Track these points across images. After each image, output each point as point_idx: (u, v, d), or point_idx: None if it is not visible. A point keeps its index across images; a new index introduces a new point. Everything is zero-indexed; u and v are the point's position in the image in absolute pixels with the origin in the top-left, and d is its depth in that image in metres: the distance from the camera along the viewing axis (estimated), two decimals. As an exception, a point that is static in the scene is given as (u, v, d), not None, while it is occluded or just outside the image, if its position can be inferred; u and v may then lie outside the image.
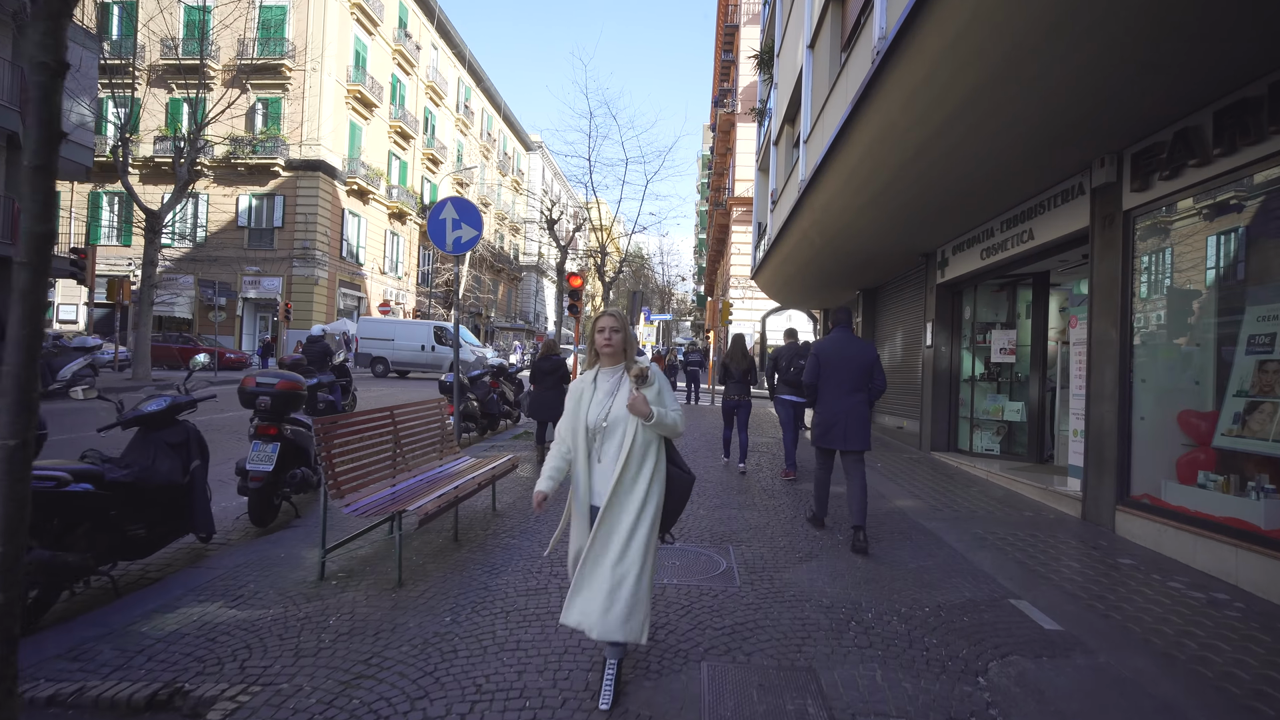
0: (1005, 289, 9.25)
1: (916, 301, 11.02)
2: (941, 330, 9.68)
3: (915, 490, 7.20)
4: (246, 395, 5.31)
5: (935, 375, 9.66)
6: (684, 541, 5.04)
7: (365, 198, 31.33)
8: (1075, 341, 6.49)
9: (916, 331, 11.23)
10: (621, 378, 2.78)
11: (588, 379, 2.84)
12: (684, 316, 60.92)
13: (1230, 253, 4.92)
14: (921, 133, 5.97)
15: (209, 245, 28.52)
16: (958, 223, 8.47)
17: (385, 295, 33.64)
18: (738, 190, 28.28)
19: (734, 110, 27.99)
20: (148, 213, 17.18)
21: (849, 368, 5.22)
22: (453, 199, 6.97)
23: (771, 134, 14.82)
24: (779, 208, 13.51)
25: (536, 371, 8.25)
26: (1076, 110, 4.99)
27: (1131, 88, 4.56)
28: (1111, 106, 4.86)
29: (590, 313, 43.63)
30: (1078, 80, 4.54)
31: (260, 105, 28.52)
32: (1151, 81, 4.47)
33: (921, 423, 10.06)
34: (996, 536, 5.37)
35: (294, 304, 28.02)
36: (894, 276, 12.25)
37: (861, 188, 7.99)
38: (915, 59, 5.03)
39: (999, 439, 9.06)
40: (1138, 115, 5.00)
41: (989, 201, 7.48)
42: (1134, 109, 4.90)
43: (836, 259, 11.65)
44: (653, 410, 2.64)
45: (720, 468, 8.27)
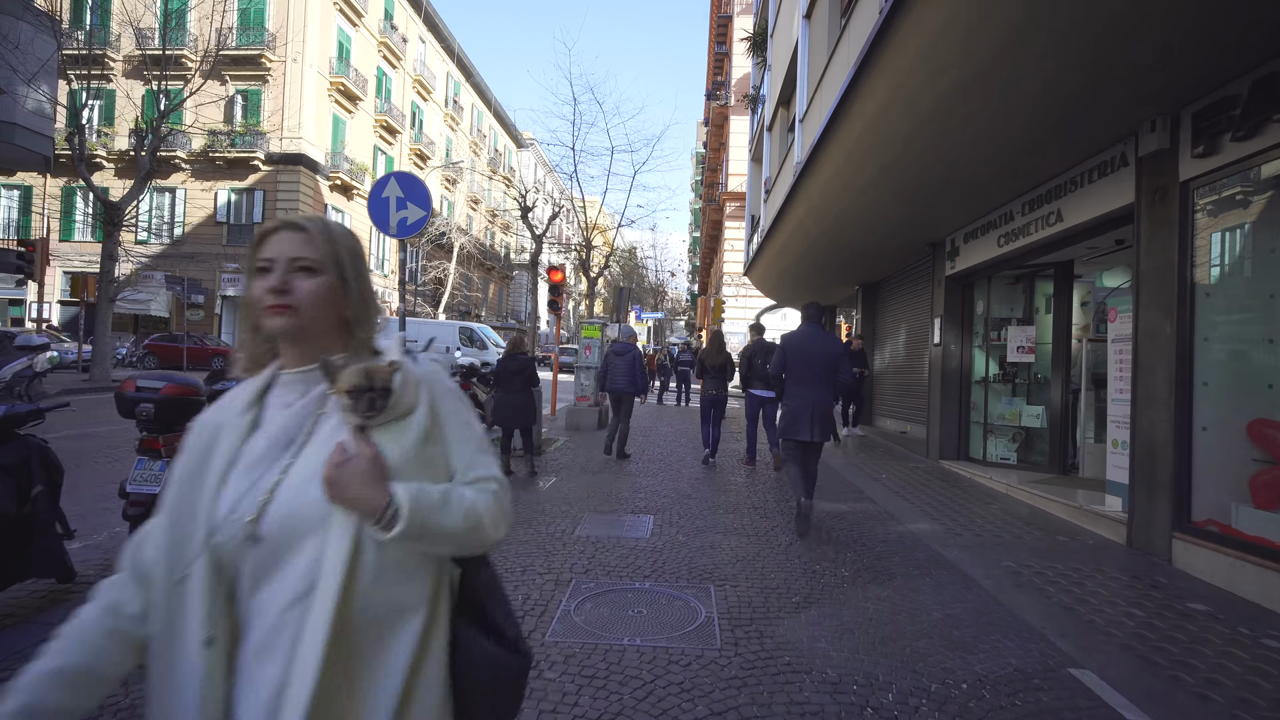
0: (1022, 281, 8.34)
1: (922, 296, 10.11)
2: (951, 327, 8.77)
3: (929, 508, 6.28)
4: (125, 402, 4.34)
5: (944, 376, 8.75)
6: (657, 580, 4.11)
7: (349, 193, 30.32)
8: (1115, 337, 5.58)
9: (922, 329, 10.32)
10: (320, 400, 1.08)
11: (236, 402, 1.10)
12: (678, 316, 60.07)
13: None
14: (935, 96, 5.06)
15: (187, 241, 27.47)
16: (971, 205, 7.55)
17: (371, 293, 32.60)
18: (731, 185, 27.40)
19: (727, 103, 27.08)
20: (106, 204, 16.20)
21: (816, 362, 5.26)
22: (397, 174, 6.03)
23: (765, 120, 13.91)
24: (773, 197, 12.59)
25: (502, 372, 7.31)
26: (1132, 55, 4.07)
27: (1203, 27, 3.65)
28: (1177, 51, 3.95)
29: (582, 312, 42.30)
30: (1140, 15, 3.63)
31: (240, 97, 27.50)
32: (1227, 20, 3.56)
33: (929, 428, 9.15)
34: (1032, 571, 4.45)
35: (274, 302, 26.99)
36: (897, 270, 11.35)
37: (863, 165, 7.08)
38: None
39: (1015, 446, 8.16)
40: (1205, 62, 4.08)
41: (1010, 179, 6.57)
42: (1202, 54, 3.98)
43: (834, 250, 10.74)
44: (395, 496, 0.96)
45: (702, 472, 7.37)
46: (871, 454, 9.69)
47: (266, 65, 27.00)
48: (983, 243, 7.82)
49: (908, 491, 7.02)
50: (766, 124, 13.57)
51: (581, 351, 11.77)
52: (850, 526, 5.53)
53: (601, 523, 5.43)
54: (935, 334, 9.03)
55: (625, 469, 7.88)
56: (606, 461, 8.32)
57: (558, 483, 7.00)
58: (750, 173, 16.75)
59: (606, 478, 7.32)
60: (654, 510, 5.91)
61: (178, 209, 27.57)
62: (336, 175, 28.94)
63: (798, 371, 5.29)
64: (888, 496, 6.73)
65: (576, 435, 10.69)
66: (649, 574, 4.23)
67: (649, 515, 5.71)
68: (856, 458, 9.30)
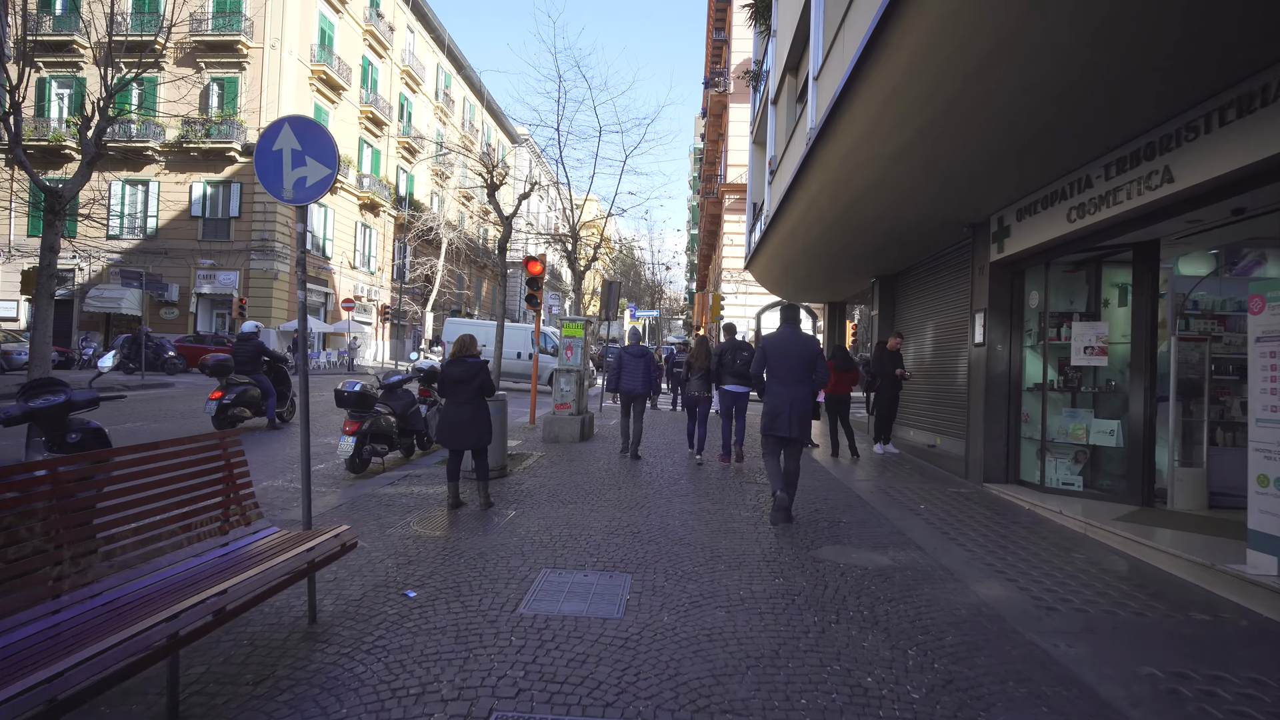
0: (1084, 268, 6.82)
1: (957, 287, 8.58)
2: (998, 323, 7.25)
3: (995, 558, 4.75)
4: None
5: (989, 382, 7.23)
6: (625, 708, 2.58)
7: (332, 186, 28.71)
8: (1263, 335, 4.04)
9: (955, 326, 8.79)
10: None
11: None
12: (676, 315, 58.62)
13: None
14: (1008, 19, 3.54)
15: (160, 237, 25.92)
16: (1034, 171, 6.02)
17: (356, 291, 31.10)
18: (730, 176, 25.87)
19: (726, 90, 25.55)
20: (45, 191, 14.62)
21: (794, 361, 5.42)
22: (291, 119, 4.51)
23: (769, 93, 12.37)
24: (778, 178, 11.06)
25: (446, 380, 5.77)
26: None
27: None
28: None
29: (566, 310, 40.45)
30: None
31: (215, 85, 25.96)
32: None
33: (969, 444, 7.62)
34: (1194, 687, 2.91)
35: (251, 299, 25.49)
36: (925, 257, 9.81)
37: (898, 126, 5.55)
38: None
39: (1079, 468, 6.63)
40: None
41: (1099, 129, 5.03)
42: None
43: (851, 234, 9.20)
44: None
45: (695, 501, 5.87)
46: (899, 473, 8.16)
47: (243, 52, 25.48)
48: (1044, 219, 6.28)
49: (958, 530, 5.48)
50: (771, 97, 12.02)
51: (561, 353, 10.23)
52: (900, 594, 4.00)
53: (560, 588, 3.90)
54: (976, 331, 7.50)
55: (605, 497, 6.36)
56: (583, 483, 6.80)
57: (517, 517, 5.47)
58: (751, 158, 15.23)
59: (580, 509, 5.79)
60: (634, 563, 4.38)
61: (150, 203, 26.00)
62: (318, 167, 27.32)
63: (777, 370, 5.47)
64: (936, 540, 5.19)
65: (554, 450, 9.15)
66: (614, 696, 2.71)
67: (625, 574, 4.18)
68: (883, 479, 7.77)
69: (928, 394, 9.36)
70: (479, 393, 5.73)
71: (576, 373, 9.97)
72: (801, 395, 5.36)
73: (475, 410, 5.70)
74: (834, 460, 8.91)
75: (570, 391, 9.90)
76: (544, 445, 9.47)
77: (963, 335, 8.51)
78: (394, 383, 8.17)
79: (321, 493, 6.40)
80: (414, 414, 8.27)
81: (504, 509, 5.78)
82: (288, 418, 10.40)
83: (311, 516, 4.09)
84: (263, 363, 9.83)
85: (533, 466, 7.83)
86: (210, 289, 25.82)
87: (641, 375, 8.55)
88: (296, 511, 5.36)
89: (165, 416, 10.92)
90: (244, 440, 3.62)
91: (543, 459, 8.37)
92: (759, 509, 6.03)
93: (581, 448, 9.36)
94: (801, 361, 5.41)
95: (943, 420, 9.09)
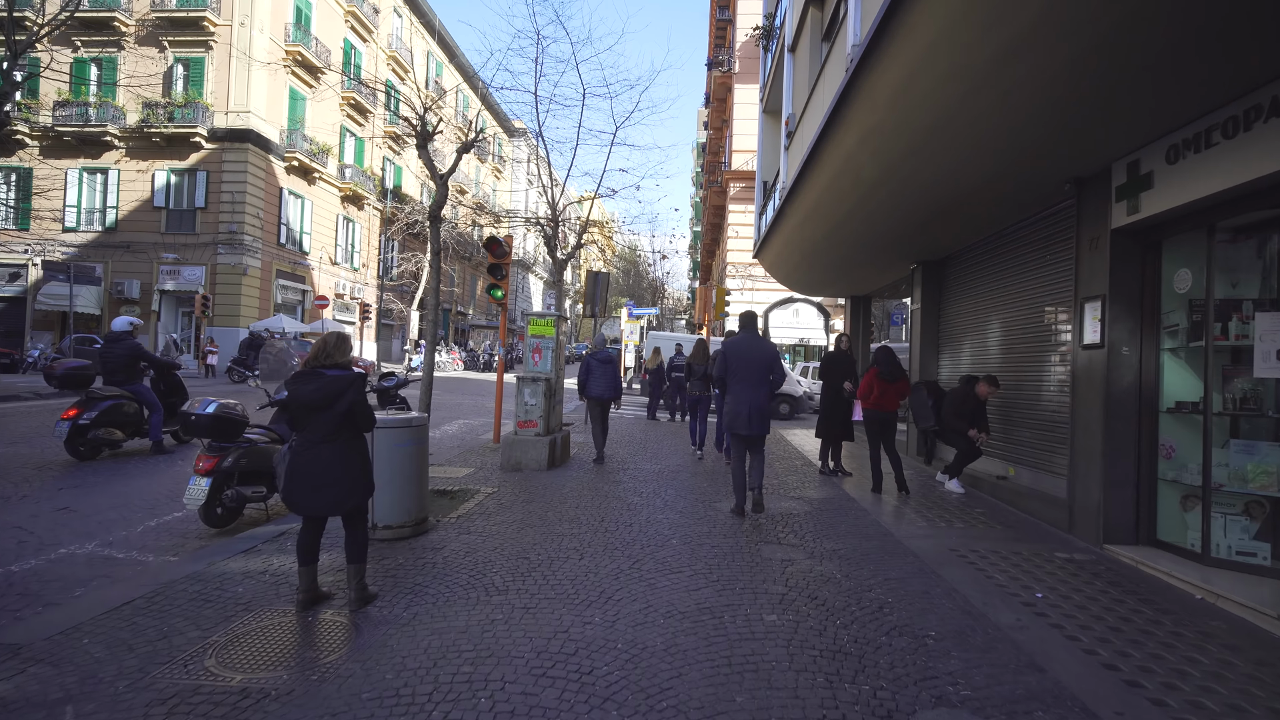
0: (1254, 237, 4.63)
1: (1048, 267, 6.38)
2: (1123, 316, 5.07)
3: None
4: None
5: (1110, 400, 5.05)
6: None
7: (310, 176, 26.66)
8: None
9: (1039, 321, 6.61)
10: None
11: None
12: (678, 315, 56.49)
13: None
14: None
15: (120, 229, 23.83)
16: (1223, 75, 3.82)
17: (338, 289, 29.00)
18: (736, 163, 23.69)
19: (731, 70, 23.36)
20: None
21: (753, 365, 5.67)
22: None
23: (785, 40, 10.16)
24: (797, 141, 8.87)
25: (292, 404, 3.59)
26: None
27: None
28: None
29: (551, 308, 37.09)
30: None
31: (180, 66, 23.86)
32: None
33: (1075, 485, 5.43)
34: None
35: (218, 296, 23.42)
36: (992, 233, 7.57)
37: (1002, 18, 3.39)
38: None
39: (1256, 528, 4.45)
40: None
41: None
42: None
43: (896, 204, 7.00)
44: None
45: (689, 545, 3.74)
46: (971, 522, 5.97)
47: (210, 30, 23.36)
48: (1224, 156, 4.09)
49: (1120, 649, 3.29)
50: (788, 44, 9.81)
51: (528, 356, 8.06)
52: None
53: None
54: (1086, 328, 5.31)
55: (560, 571, 4.18)
56: (534, 544, 4.63)
57: (402, 628, 3.31)
58: (762, 131, 13.05)
59: (514, 603, 3.62)
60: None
61: (110, 193, 23.91)
62: (293, 155, 25.28)
63: (737, 373, 5.69)
64: (1104, 685, 3.00)
65: (513, 482, 6.99)
66: None
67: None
68: (954, 534, 5.57)
69: (995, 410, 7.16)
70: (344, 425, 3.57)
71: (545, 382, 7.81)
72: (760, 396, 5.67)
73: (338, 453, 3.54)
74: (876, 499, 6.73)
75: (536, 406, 7.74)
76: (502, 475, 7.31)
77: (1051, 333, 6.33)
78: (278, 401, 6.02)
79: (132, 563, 4.25)
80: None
81: (392, 604, 3.62)
82: (185, 437, 8.27)
83: None
84: (141, 370, 7.69)
85: (472, 513, 5.67)
86: (174, 285, 23.71)
87: (609, 381, 8.41)
88: (54, 614, 3.23)
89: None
90: (107, 471, 1.55)
91: (491, 498, 6.21)
92: (793, 602, 3.85)
93: (548, 478, 7.20)
94: (760, 365, 5.69)
95: (1020, 445, 6.89)
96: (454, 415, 13.19)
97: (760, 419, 5.64)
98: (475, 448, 9.10)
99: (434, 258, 6.33)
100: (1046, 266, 6.38)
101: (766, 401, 5.71)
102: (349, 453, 3.58)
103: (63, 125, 23.26)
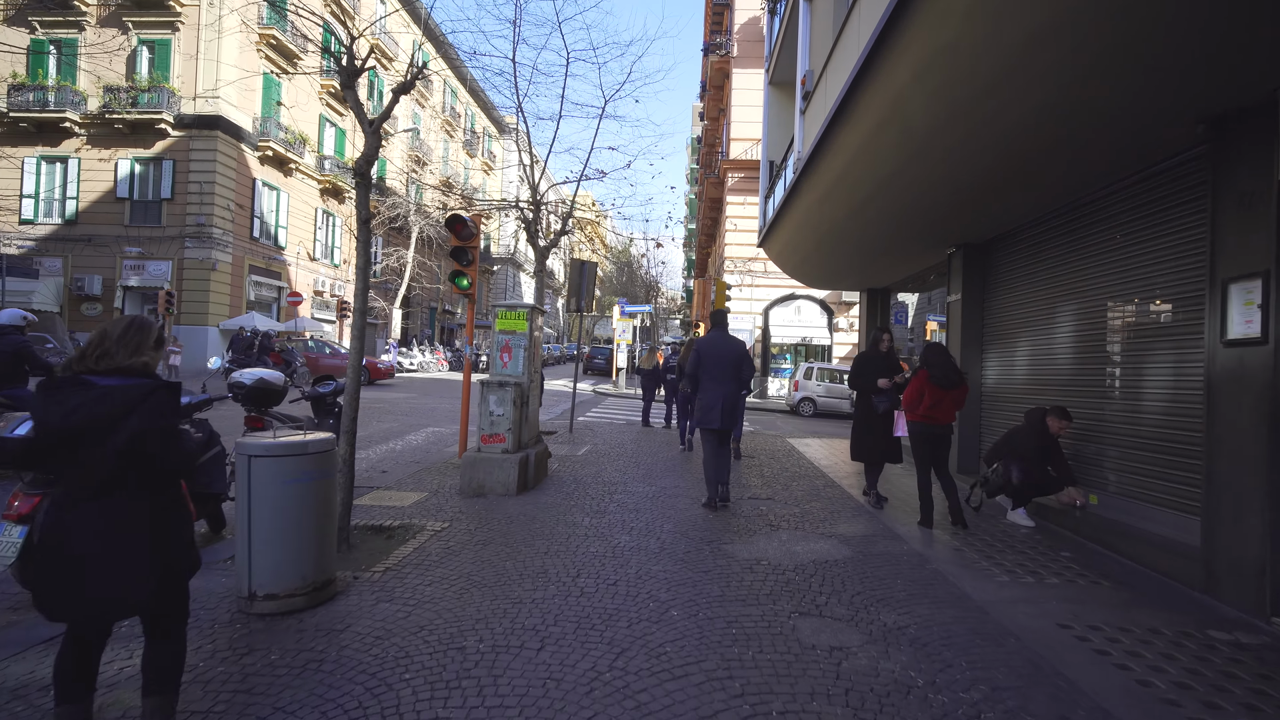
0: None
1: (1155, 241, 4.95)
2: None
3: None
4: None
5: (1277, 416, 3.64)
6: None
7: (285, 167, 25.10)
8: None
9: (1123, 311, 5.20)
10: None
11: None
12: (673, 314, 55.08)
13: None
14: None
15: (81, 221, 22.21)
16: None
17: (317, 285, 27.45)
18: (734, 152, 22.27)
19: (729, 52, 21.93)
20: None
21: (724, 362, 5.83)
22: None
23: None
24: (818, 99, 7.44)
25: (45, 437, 2.12)
26: None
27: None
28: None
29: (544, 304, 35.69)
30: None
31: (145, 49, 22.26)
32: None
33: (1212, 529, 4.01)
34: None
35: (186, 293, 21.86)
36: (1066, 202, 6.12)
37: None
38: None
39: None
40: None
41: None
42: None
43: (954, 165, 5.56)
44: None
45: (682, 641, 2.37)
46: (1067, 575, 4.55)
47: (177, 10, 21.79)
48: None
49: None
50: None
51: (495, 356, 6.60)
52: None
53: None
54: (1234, 317, 3.90)
55: (516, 680, 2.74)
56: (478, 618, 3.18)
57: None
58: (768, 105, 11.63)
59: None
60: None
61: (70, 183, 22.30)
62: (267, 145, 23.73)
63: (710, 370, 5.84)
64: None
65: (471, 513, 5.53)
66: None
67: None
68: (1041, 589, 4.15)
69: (1083, 425, 5.74)
70: (128, 471, 2.10)
71: (515, 387, 6.35)
72: (731, 392, 5.82)
73: (115, 518, 2.08)
74: (928, 536, 5.29)
75: (504, 416, 6.28)
76: (460, 503, 5.85)
77: (1158, 327, 4.92)
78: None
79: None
80: (212, 465, 4.67)
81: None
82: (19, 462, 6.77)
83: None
84: (25, 372, 6.22)
85: (406, 563, 4.21)
86: (139, 281, 22.10)
87: None
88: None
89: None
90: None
91: (438, 539, 4.75)
92: None
93: (517, 507, 5.74)
94: (730, 362, 5.84)
95: (1101, 467, 5.48)
96: (424, 422, 11.72)
97: (732, 414, 5.80)
98: (436, 464, 7.64)
99: (362, 226, 4.86)
100: (1152, 240, 4.97)
101: (737, 397, 5.90)
102: (137, 517, 2.12)
103: (18, 111, 21.62)
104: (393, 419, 11.94)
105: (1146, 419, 5.04)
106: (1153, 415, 4.97)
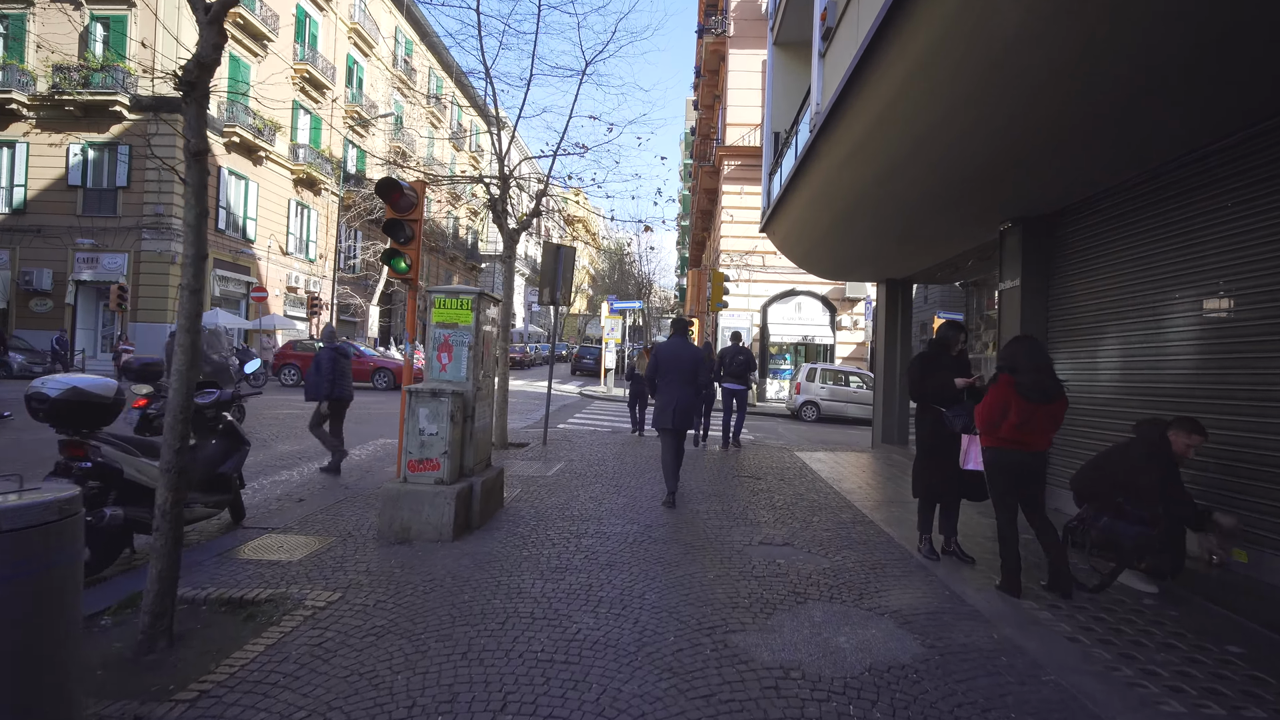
0: None
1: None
2: None
3: None
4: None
5: None
6: None
7: (255, 155, 23.42)
8: None
9: (1229, 297, 3.69)
10: None
11: None
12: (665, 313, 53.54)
13: None
14: None
15: (30, 211, 20.50)
16: None
17: (290, 281, 25.77)
18: (730, 138, 20.75)
19: (725, 32, 20.40)
20: None
21: (681, 367, 6.04)
22: None
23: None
24: (844, 33, 5.90)
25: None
26: None
27: None
28: None
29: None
30: None
31: (99, 26, 20.57)
32: None
33: None
34: None
35: (143, 288, 20.21)
36: (1174, 156, 4.62)
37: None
38: None
39: None
40: None
41: None
42: None
43: (1037, 98, 4.05)
44: None
45: None
46: (1233, 684, 3.05)
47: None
48: None
49: None
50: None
51: (430, 356, 5.05)
52: None
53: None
54: None
55: None
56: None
57: None
58: (772, 70, 10.10)
59: None
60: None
61: (18, 169, 20.57)
62: (234, 131, 22.10)
63: (667, 374, 6.04)
64: None
65: (382, 573, 3.95)
66: None
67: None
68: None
69: (1202, 454, 4.23)
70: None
71: (454, 397, 4.79)
72: (685, 395, 6.00)
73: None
74: (1018, 612, 3.77)
75: (438, 436, 4.71)
76: (374, 553, 4.28)
77: None
78: None
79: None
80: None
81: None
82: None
83: None
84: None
85: (235, 683, 2.63)
86: (92, 275, 20.41)
87: None
88: None
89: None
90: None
91: (309, 628, 3.17)
92: None
93: (449, 561, 4.17)
94: (687, 367, 6.04)
95: (1255, 509, 3.97)
96: (377, 432, 10.13)
97: (684, 415, 5.98)
98: (369, 491, 6.07)
99: (193, 160, 3.26)
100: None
101: (690, 400, 6.05)
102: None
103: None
104: (344, 428, 10.32)
105: (1241, 422, 3.53)
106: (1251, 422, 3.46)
